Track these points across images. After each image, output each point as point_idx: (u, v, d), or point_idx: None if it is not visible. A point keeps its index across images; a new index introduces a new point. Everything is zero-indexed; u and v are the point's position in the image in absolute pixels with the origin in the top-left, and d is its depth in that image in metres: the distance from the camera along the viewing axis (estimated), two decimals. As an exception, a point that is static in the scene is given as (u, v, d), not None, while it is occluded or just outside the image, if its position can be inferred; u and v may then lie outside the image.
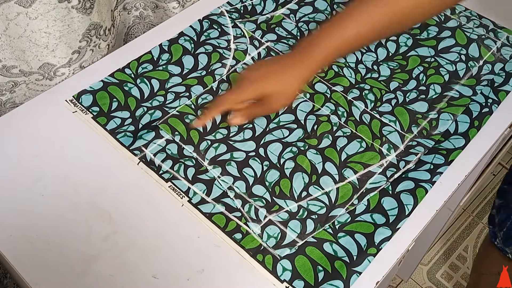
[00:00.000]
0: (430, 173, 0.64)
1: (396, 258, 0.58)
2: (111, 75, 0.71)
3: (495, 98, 0.73)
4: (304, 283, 0.55)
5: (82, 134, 0.65)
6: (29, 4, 0.60)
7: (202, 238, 0.58)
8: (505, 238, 0.91)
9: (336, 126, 0.69)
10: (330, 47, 0.60)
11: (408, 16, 0.61)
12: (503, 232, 0.91)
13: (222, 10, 0.82)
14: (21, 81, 0.68)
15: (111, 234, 0.57)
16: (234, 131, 0.67)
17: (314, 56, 0.61)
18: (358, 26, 0.59)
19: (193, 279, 0.55)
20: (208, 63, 0.74)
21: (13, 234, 0.56)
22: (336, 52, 0.61)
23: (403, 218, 0.60)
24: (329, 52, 0.60)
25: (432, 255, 1.52)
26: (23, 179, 0.60)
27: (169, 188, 0.61)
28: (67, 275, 0.54)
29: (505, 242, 0.91)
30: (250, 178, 0.63)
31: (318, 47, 0.61)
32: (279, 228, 0.59)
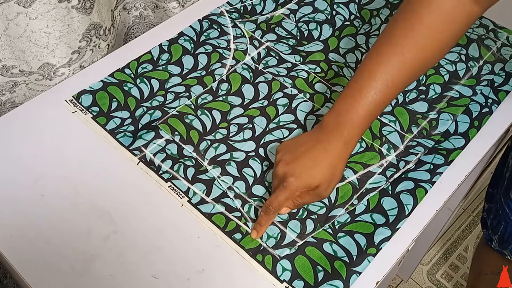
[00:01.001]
0: (430, 173, 0.64)
1: (396, 258, 0.58)
2: (111, 75, 0.71)
3: (495, 98, 0.73)
4: (303, 283, 0.55)
5: (82, 134, 0.65)
6: (29, 4, 0.60)
7: (202, 238, 0.58)
8: (500, 241, 0.91)
9: (336, 126, 0.69)
10: (361, 116, 0.56)
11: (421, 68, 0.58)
12: (498, 236, 0.91)
13: (222, 10, 0.82)
14: (21, 81, 0.68)
15: (111, 234, 0.57)
16: (234, 131, 0.67)
17: (349, 131, 0.56)
18: (383, 87, 0.55)
19: (193, 279, 0.55)
20: (208, 63, 0.74)
21: (13, 234, 0.56)
22: (370, 117, 0.57)
23: (403, 218, 0.60)
24: (362, 121, 0.56)
25: (432, 255, 1.52)
26: (23, 179, 0.60)
27: (168, 188, 0.61)
28: (67, 275, 0.54)
29: (502, 245, 0.91)
30: (250, 178, 0.63)
31: (349, 120, 0.56)
32: (279, 228, 0.59)
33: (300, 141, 0.59)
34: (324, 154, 0.56)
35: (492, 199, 0.92)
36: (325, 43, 0.79)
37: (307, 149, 0.57)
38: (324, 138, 0.57)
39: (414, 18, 0.56)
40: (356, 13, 0.84)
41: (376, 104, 0.56)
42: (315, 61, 0.76)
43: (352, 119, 0.56)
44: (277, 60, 0.76)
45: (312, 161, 0.56)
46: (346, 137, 0.56)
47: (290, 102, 0.71)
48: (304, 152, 0.56)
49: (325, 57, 0.77)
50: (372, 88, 0.55)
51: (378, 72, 0.55)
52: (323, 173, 0.55)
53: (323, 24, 0.81)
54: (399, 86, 0.57)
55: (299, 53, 0.77)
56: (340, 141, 0.56)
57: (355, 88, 0.57)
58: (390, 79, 0.55)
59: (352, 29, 0.81)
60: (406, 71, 0.56)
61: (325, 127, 0.57)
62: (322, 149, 0.56)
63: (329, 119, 0.57)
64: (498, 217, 0.89)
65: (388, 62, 0.56)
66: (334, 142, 0.56)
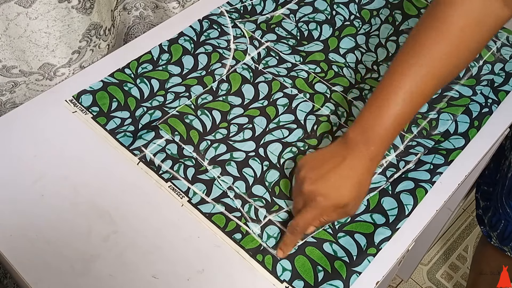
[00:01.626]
0: (430, 173, 0.64)
1: (396, 258, 0.58)
2: (111, 75, 0.71)
3: (495, 98, 0.73)
4: (304, 283, 0.55)
5: (82, 134, 0.65)
6: (29, 4, 0.60)
7: (202, 238, 0.58)
8: (500, 239, 0.91)
9: (336, 126, 0.69)
10: (388, 131, 0.54)
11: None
12: (497, 234, 0.91)
13: (222, 10, 0.82)
14: (21, 81, 0.68)
15: (111, 234, 0.57)
16: (234, 131, 0.67)
17: (376, 146, 0.54)
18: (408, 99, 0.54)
19: (193, 279, 0.55)
20: (208, 63, 0.74)
21: (13, 234, 0.56)
22: (397, 130, 0.55)
23: (403, 218, 0.60)
24: (389, 135, 0.55)
25: (432, 255, 1.52)
26: (23, 179, 0.60)
27: (169, 188, 0.61)
28: (67, 275, 0.54)
29: (502, 242, 0.91)
30: (250, 178, 0.63)
31: (376, 136, 0.54)
32: (279, 228, 0.59)
33: (325, 157, 0.56)
34: (352, 172, 0.54)
35: (489, 198, 0.92)
36: (325, 43, 0.79)
37: (334, 166, 0.54)
38: (351, 154, 0.54)
39: (442, 24, 0.53)
40: (356, 13, 0.84)
41: (403, 116, 0.54)
42: (315, 61, 0.76)
43: (380, 134, 0.54)
44: (277, 60, 0.76)
45: (340, 180, 0.54)
46: (373, 152, 0.54)
47: (290, 102, 0.71)
48: (331, 170, 0.54)
49: (325, 57, 0.77)
50: (399, 99, 0.53)
51: (404, 84, 0.53)
52: (351, 191, 0.54)
53: (323, 24, 0.81)
54: (426, 96, 0.55)
55: (299, 53, 0.77)
56: (367, 158, 0.54)
57: (378, 101, 0.55)
58: (416, 90, 0.53)
59: (352, 29, 0.81)
60: (434, 80, 0.54)
61: (351, 143, 0.55)
62: (349, 166, 0.54)
63: (355, 134, 0.55)
64: (498, 215, 0.89)
65: (415, 73, 0.53)
66: (361, 159, 0.54)
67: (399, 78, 0.54)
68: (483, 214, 0.95)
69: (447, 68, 0.54)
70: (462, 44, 0.54)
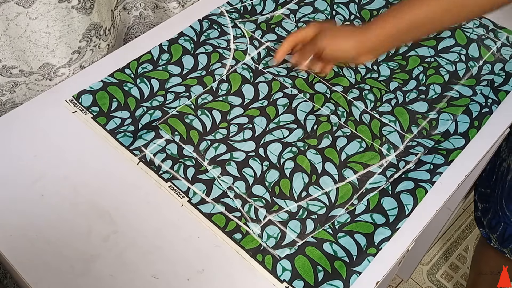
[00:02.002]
0: (430, 173, 0.64)
1: (396, 258, 0.58)
2: (111, 75, 0.71)
3: (495, 98, 0.73)
4: (304, 283, 0.55)
5: (82, 134, 0.65)
6: (29, 4, 0.60)
7: (202, 238, 0.58)
8: (500, 241, 0.91)
9: (336, 126, 0.69)
10: (390, 28, 0.64)
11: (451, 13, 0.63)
12: (497, 236, 0.91)
13: (222, 10, 0.82)
14: (21, 81, 0.68)
15: (111, 234, 0.57)
16: (234, 131, 0.67)
17: (377, 30, 0.64)
18: (426, 10, 0.62)
19: (193, 279, 0.55)
20: (208, 63, 0.74)
21: (13, 234, 0.56)
22: (398, 31, 0.63)
23: (403, 218, 0.60)
24: (388, 32, 0.64)
25: (432, 255, 1.52)
26: (23, 179, 0.60)
27: (169, 188, 0.61)
28: (67, 275, 0.54)
29: (502, 244, 0.91)
30: (250, 178, 0.63)
31: (378, 23, 0.65)
32: (279, 228, 0.59)
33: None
34: (344, 27, 0.71)
35: (488, 199, 0.92)
36: (325, 43, 0.79)
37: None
38: (354, 27, 0.71)
39: None
40: (356, 13, 0.84)
41: (407, 24, 0.63)
42: (315, 61, 0.76)
43: (377, 23, 0.64)
44: (277, 60, 0.76)
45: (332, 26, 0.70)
46: (370, 33, 0.64)
47: (290, 102, 0.71)
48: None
49: (325, 57, 0.77)
50: (415, 8, 0.62)
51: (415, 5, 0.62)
52: (332, 27, 0.69)
53: (323, 24, 0.81)
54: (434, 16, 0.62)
55: (299, 53, 0.77)
56: (365, 32, 0.65)
57: (397, 8, 0.64)
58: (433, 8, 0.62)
59: (352, 29, 0.81)
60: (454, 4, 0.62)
61: (359, 27, 0.69)
62: (347, 27, 0.71)
63: (371, 23, 0.66)
64: (498, 218, 0.89)
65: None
66: (358, 29, 0.67)
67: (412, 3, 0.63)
68: (482, 216, 0.95)
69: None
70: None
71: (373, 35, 0.64)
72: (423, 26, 0.64)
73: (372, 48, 0.66)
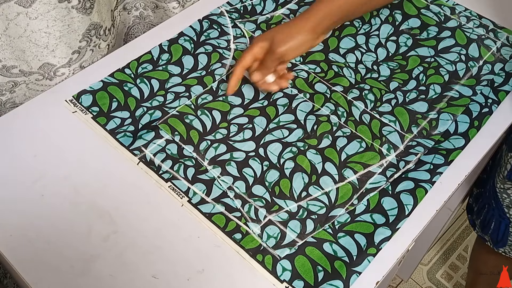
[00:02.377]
0: (430, 173, 0.64)
1: (396, 258, 0.58)
2: (111, 75, 0.71)
3: (495, 98, 0.73)
4: (304, 283, 0.55)
5: (82, 134, 0.65)
6: (29, 4, 0.60)
7: (202, 238, 0.58)
8: (482, 226, 0.92)
9: (336, 126, 0.69)
10: (323, 10, 0.68)
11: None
12: (480, 221, 0.91)
13: (222, 10, 0.82)
14: (21, 81, 0.68)
15: (111, 234, 0.57)
16: (234, 131, 0.67)
17: (311, 15, 0.68)
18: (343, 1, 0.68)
19: (193, 279, 0.55)
20: (208, 63, 0.74)
21: (13, 234, 0.56)
22: (330, 10, 0.68)
23: (403, 218, 0.60)
24: (322, 13, 0.68)
25: (432, 255, 1.52)
26: (23, 179, 0.60)
27: (169, 188, 0.61)
28: (67, 275, 0.54)
29: (483, 230, 0.92)
30: (250, 178, 0.63)
31: (313, 11, 0.68)
32: (279, 228, 0.59)
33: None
34: (285, 24, 0.69)
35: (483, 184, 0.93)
36: (325, 43, 0.79)
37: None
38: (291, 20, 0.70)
39: None
40: (356, 13, 0.84)
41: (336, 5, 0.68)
42: (315, 61, 0.76)
43: (314, 9, 0.68)
44: (277, 60, 0.76)
45: (274, 28, 0.70)
46: (306, 16, 0.68)
47: (290, 102, 0.71)
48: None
49: (325, 57, 0.77)
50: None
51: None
52: (280, 28, 0.68)
53: (323, 24, 0.81)
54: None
55: (299, 53, 0.77)
56: (302, 17, 0.68)
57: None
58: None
59: (352, 29, 0.81)
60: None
61: (296, 18, 0.69)
62: (286, 23, 0.70)
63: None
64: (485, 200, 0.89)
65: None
66: (296, 18, 0.69)
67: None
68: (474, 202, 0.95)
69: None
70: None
71: (312, 13, 0.68)
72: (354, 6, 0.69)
73: (316, 25, 0.68)
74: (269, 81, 0.69)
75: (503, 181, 0.83)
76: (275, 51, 0.66)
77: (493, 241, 0.91)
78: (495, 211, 0.88)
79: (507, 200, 0.83)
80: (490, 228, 0.90)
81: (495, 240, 0.91)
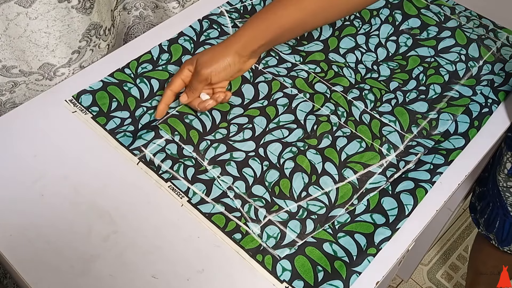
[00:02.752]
0: (430, 173, 0.64)
1: (396, 258, 0.58)
2: (110, 75, 0.71)
3: (495, 98, 0.73)
4: (303, 283, 0.55)
5: (82, 134, 0.65)
6: (29, 4, 0.60)
7: (202, 238, 0.58)
8: (486, 225, 0.91)
9: (336, 126, 0.69)
10: (247, 34, 0.67)
11: (320, 15, 0.67)
12: (484, 219, 0.91)
13: (222, 10, 0.82)
14: (21, 81, 0.68)
15: (111, 234, 0.57)
16: (234, 131, 0.67)
17: (236, 39, 0.67)
18: (269, 24, 0.66)
19: (193, 279, 0.55)
20: (208, 63, 0.74)
21: (13, 234, 0.56)
22: (255, 34, 0.67)
23: (403, 218, 0.60)
24: (247, 37, 0.67)
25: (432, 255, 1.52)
26: (23, 179, 0.60)
27: (168, 188, 0.61)
28: (67, 275, 0.54)
29: (488, 228, 0.92)
30: (250, 178, 0.63)
31: (238, 34, 0.67)
32: (279, 228, 0.59)
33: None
34: (211, 47, 0.68)
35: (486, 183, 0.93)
36: (325, 43, 0.79)
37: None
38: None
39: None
40: (356, 13, 0.84)
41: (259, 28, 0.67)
42: (315, 61, 0.76)
43: (239, 33, 0.67)
44: (277, 60, 0.76)
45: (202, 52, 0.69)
46: (231, 41, 0.67)
47: (290, 102, 0.71)
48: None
49: (325, 57, 0.77)
50: (259, 19, 0.67)
51: (267, 11, 0.67)
52: (204, 53, 0.67)
53: (323, 24, 0.81)
54: (289, 27, 0.67)
55: (299, 53, 0.77)
56: (227, 42, 0.67)
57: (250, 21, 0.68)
58: (280, 20, 0.66)
59: (352, 29, 0.81)
60: (298, 13, 0.66)
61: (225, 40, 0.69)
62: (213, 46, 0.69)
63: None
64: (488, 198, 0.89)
65: (275, 7, 0.66)
66: (222, 43, 0.68)
67: (264, 11, 0.68)
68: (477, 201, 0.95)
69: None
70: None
71: (237, 37, 0.67)
72: (290, 29, 0.67)
73: (241, 48, 0.67)
74: (204, 99, 0.67)
75: (506, 179, 0.83)
76: (199, 73, 0.65)
77: (498, 240, 0.91)
78: (499, 210, 0.87)
79: (511, 198, 0.83)
80: (495, 227, 0.90)
81: (500, 239, 0.90)
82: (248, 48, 0.67)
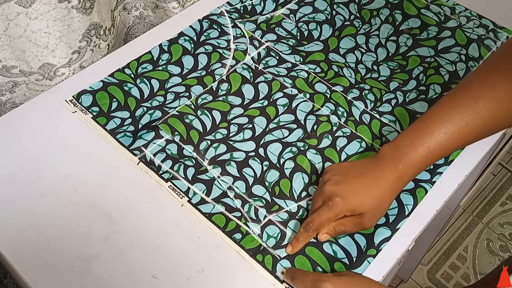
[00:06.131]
0: (430, 173, 0.64)
1: (396, 258, 0.58)
2: (111, 75, 0.71)
3: (495, 98, 0.73)
4: (304, 283, 0.55)
5: (82, 134, 0.65)
6: (29, 4, 0.60)
7: (202, 238, 0.58)
8: None
9: (336, 126, 0.69)
10: (419, 154, 0.55)
11: (498, 120, 0.56)
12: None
13: (222, 10, 0.82)
14: (21, 81, 0.68)
15: (111, 234, 0.57)
16: (234, 131, 0.67)
17: (404, 166, 0.55)
18: (448, 132, 0.54)
19: (193, 279, 0.55)
20: (208, 63, 0.74)
21: (13, 234, 0.56)
22: (429, 158, 0.55)
23: (403, 218, 0.60)
24: (420, 159, 0.55)
25: (432, 255, 1.52)
26: (23, 179, 0.60)
27: (168, 188, 0.61)
28: (67, 275, 0.54)
29: None
30: (250, 178, 0.63)
31: (406, 156, 0.55)
32: (279, 228, 0.59)
33: (353, 166, 0.58)
34: (375, 183, 0.55)
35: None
36: (325, 43, 0.79)
37: (359, 174, 0.55)
38: (378, 168, 0.55)
39: (495, 68, 0.54)
40: (356, 13, 0.84)
41: (438, 146, 0.54)
42: (315, 61, 0.76)
43: (410, 155, 0.55)
44: (277, 60, 0.76)
45: (361, 186, 0.54)
46: (400, 171, 0.54)
47: (290, 102, 0.71)
48: (355, 177, 0.55)
49: (325, 57, 0.77)
50: (437, 130, 0.54)
51: (446, 116, 0.54)
52: (370, 201, 0.54)
53: (323, 24, 0.81)
54: (467, 134, 0.55)
55: (299, 53, 0.77)
56: (393, 174, 0.54)
57: (419, 126, 0.56)
58: (457, 125, 0.54)
59: (352, 29, 0.81)
60: (477, 120, 0.54)
61: (381, 158, 0.56)
62: (374, 178, 0.55)
63: (387, 151, 0.56)
64: None
65: (459, 108, 0.54)
66: (386, 174, 0.55)
67: (444, 111, 0.55)
68: None
69: (493, 112, 0.54)
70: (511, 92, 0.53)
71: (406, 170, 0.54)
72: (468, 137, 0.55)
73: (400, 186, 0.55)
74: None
75: None
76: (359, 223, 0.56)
77: None
78: None
79: None
80: None
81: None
82: (418, 171, 0.57)
